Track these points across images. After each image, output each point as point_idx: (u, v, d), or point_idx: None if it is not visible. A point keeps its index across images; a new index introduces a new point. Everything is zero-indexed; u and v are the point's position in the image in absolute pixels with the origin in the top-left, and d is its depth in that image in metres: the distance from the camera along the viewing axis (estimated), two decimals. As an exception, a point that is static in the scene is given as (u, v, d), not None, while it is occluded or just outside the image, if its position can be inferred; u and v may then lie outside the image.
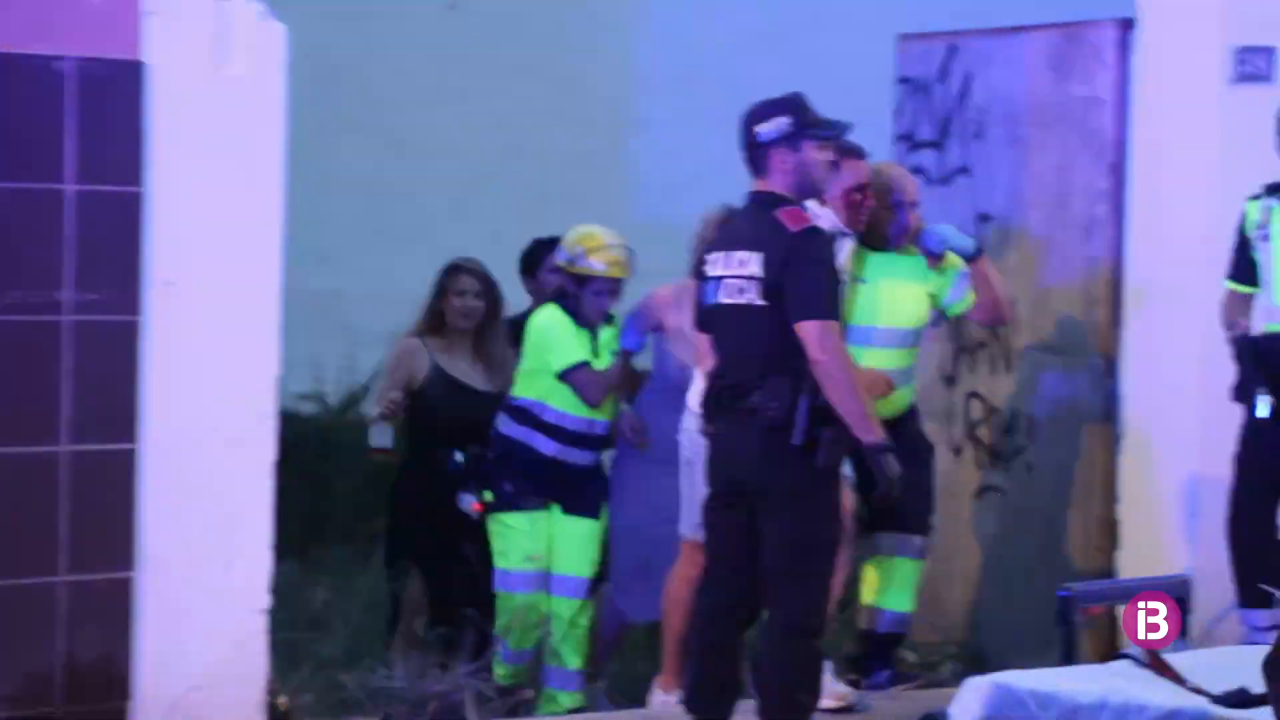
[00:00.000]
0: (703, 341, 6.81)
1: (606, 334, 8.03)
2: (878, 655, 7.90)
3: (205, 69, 6.49)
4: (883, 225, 7.72)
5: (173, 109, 6.43)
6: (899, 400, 7.75)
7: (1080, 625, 4.78)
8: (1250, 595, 7.48)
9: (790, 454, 6.40)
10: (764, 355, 6.45)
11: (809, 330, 6.37)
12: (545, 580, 8.03)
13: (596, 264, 7.93)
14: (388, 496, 8.78)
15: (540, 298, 8.55)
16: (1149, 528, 8.32)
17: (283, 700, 6.90)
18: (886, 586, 7.80)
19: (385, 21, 12.26)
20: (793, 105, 6.58)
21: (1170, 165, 8.34)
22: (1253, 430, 7.67)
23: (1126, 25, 8.41)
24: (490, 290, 8.38)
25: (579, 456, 8.06)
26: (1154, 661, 4.57)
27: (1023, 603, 8.36)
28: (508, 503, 8.00)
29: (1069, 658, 4.69)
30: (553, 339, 7.98)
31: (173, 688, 6.44)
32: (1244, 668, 4.66)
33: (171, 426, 6.49)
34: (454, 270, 8.38)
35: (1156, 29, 8.38)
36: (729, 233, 6.68)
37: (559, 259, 8.06)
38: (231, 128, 6.56)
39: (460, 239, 9.32)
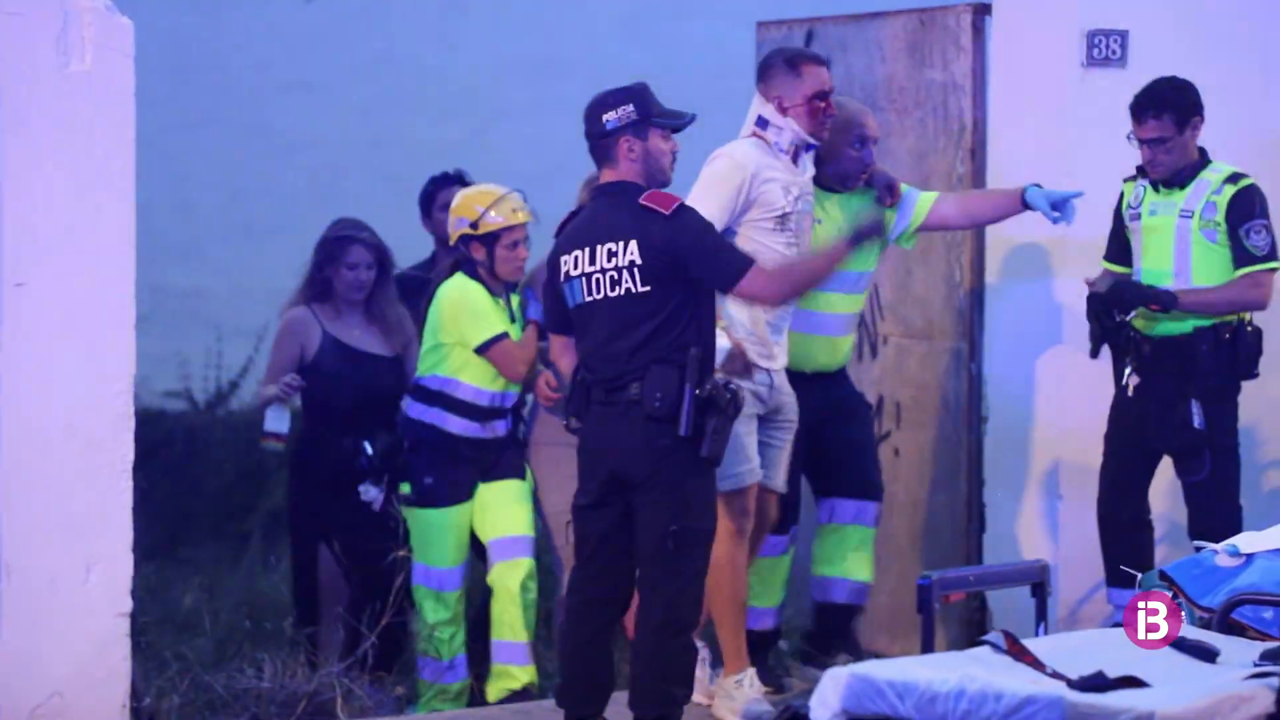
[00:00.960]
0: (559, 342, 6.79)
1: (515, 300, 7.89)
2: (837, 630, 7.82)
3: (51, 65, 6.39)
4: (844, 162, 7.54)
5: (19, 107, 6.33)
6: (843, 349, 7.72)
7: (939, 612, 4.78)
8: (1118, 574, 7.55)
9: (675, 445, 6.41)
10: (645, 345, 6.44)
11: (748, 280, 6.45)
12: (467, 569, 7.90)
13: (499, 216, 7.75)
14: (290, 479, 8.55)
15: (440, 239, 8.49)
16: (1015, 511, 8.40)
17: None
18: (842, 555, 7.74)
19: (243, 14, 12.20)
20: (637, 94, 6.58)
21: (1026, 149, 8.38)
22: (1121, 407, 7.74)
23: (982, 10, 8.44)
24: (382, 258, 8.19)
25: (494, 429, 7.87)
26: (1013, 647, 4.58)
27: (894, 588, 8.38)
28: (429, 499, 7.82)
29: (928, 645, 4.70)
30: (468, 311, 7.77)
31: (33, 694, 6.34)
32: (1103, 651, 4.75)
33: (26, 430, 6.38)
34: (343, 241, 8.15)
35: (1011, 13, 8.43)
36: (585, 229, 6.60)
37: (459, 228, 7.80)
38: (80, 125, 6.45)
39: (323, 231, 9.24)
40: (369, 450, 7.88)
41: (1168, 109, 7.56)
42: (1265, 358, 7.55)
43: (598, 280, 6.48)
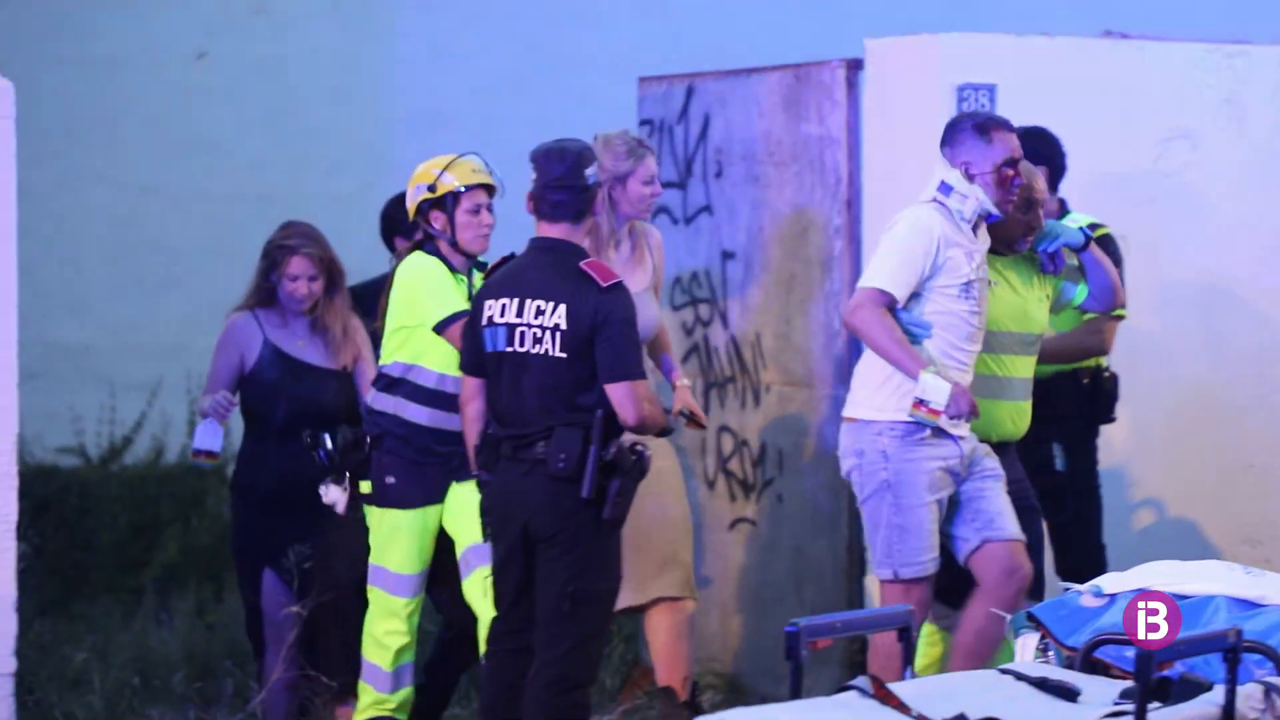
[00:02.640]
0: (470, 384, 6.74)
1: (479, 279, 7.19)
2: None
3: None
4: (1016, 226, 7.19)
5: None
6: (1028, 415, 7.27)
7: (807, 659, 4.82)
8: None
9: (577, 505, 6.47)
10: (554, 406, 6.48)
11: (621, 390, 6.46)
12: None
13: (454, 177, 7.14)
14: (233, 503, 8.11)
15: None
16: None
17: None
18: None
19: (134, 72, 12.19)
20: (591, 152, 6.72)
21: (900, 200, 8.43)
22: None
23: (855, 65, 8.53)
24: (331, 269, 7.79)
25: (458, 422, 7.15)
26: (879, 692, 4.61)
27: (777, 632, 8.42)
28: (393, 500, 7.18)
29: (796, 691, 4.74)
30: (427, 288, 7.14)
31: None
32: (969, 693, 4.79)
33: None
34: (284, 250, 7.76)
35: (883, 68, 8.52)
36: (518, 279, 6.60)
37: (416, 196, 7.16)
38: (-41, 185, 6.49)
39: (216, 286, 9.24)
40: (328, 445, 7.30)
41: (1030, 159, 7.69)
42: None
43: (521, 333, 6.52)
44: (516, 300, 6.53)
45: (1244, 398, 8.67)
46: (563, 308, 6.45)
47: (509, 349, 6.52)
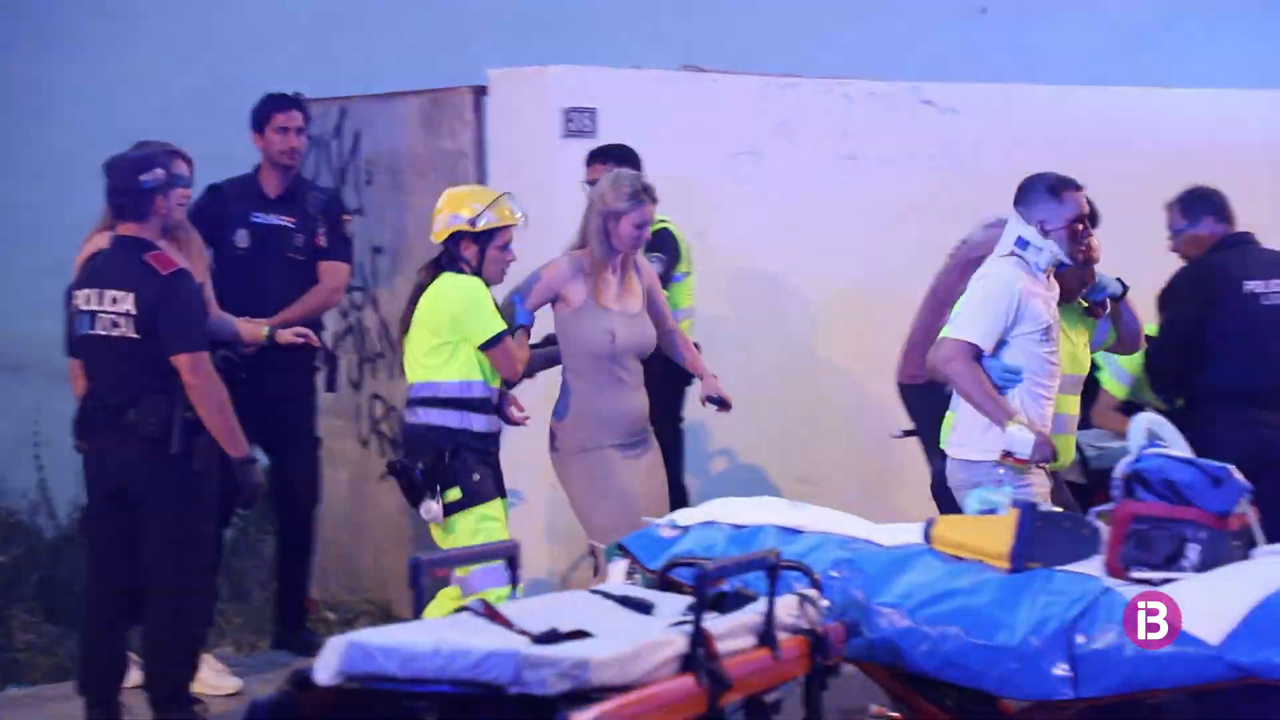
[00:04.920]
0: (75, 365, 6.60)
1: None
2: None
3: None
4: (1074, 279, 6.81)
5: None
6: (1074, 448, 6.95)
7: (428, 586, 4.86)
8: None
9: (168, 462, 6.35)
10: (139, 379, 6.35)
11: (182, 361, 6.34)
12: None
13: (496, 217, 6.80)
14: None
15: (270, 156, 7.83)
16: (528, 494, 8.35)
17: None
18: None
19: None
20: (167, 156, 6.50)
21: (522, 204, 8.59)
22: None
23: (481, 91, 8.54)
24: None
25: (498, 425, 6.87)
26: (488, 612, 4.59)
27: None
28: (486, 494, 6.71)
29: (419, 613, 4.77)
30: (478, 307, 6.70)
31: None
32: (565, 611, 4.77)
33: None
34: None
35: (503, 94, 8.55)
36: (98, 273, 6.43)
37: (452, 224, 6.78)
38: None
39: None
40: (418, 473, 6.68)
41: (608, 158, 7.79)
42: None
43: (101, 319, 6.36)
44: (97, 291, 6.38)
45: (799, 368, 8.91)
46: (131, 295, 6.31)
47: (94, 332, 6.38)
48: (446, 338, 6.71)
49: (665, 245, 7.84)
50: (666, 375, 7.67)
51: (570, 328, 7.04)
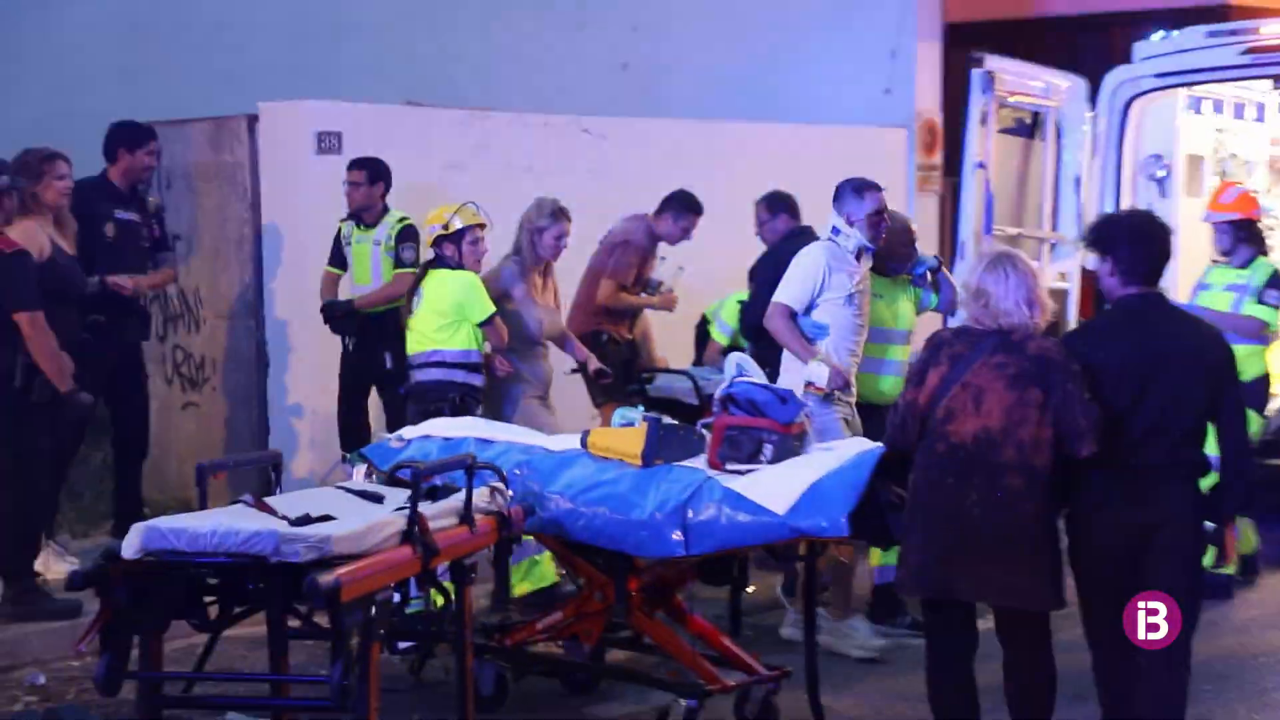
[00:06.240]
0: None
1: None
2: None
3: None
4: (897, 259, 6.67)
5: None
6: (899, 386, 6.67)
7: (208, 486, 4.69)
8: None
9: (13, 394, 6.19)
10: None
11: (22, 319, 6.16)
12: None
13: (460, 220, 6.84)
14: None
15: (128, 178, 7.45)
16: (289, 426, 8.34)
17: None
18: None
19: None
20: (18, 164, 6.34)
21: (285, 203, 8.44)
22: (346, 361, 7.82)
23: (254, 118, 8.38)
24: None
25: (484, 381, 6.91)
26: (257, 503, 4.52)
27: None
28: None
29: (203, 505, 4.63)
30: (478, 291, 6.77)
31: None
32: (317, 501, 4.65)
33: None
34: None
35: (271, 120, 8.39)
36: None
37: (433, 233, 6.86)
38: None
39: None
40: (447, 410, 6.58)
41: (363, 166, 7.76)
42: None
43: None
44: None
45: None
46: None
47: None
48: (451, 318, 6.75)
49: (413, 236, 7.75)
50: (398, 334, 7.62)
51: (511, 319, 7.10)
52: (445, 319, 6.79)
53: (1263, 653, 6.64)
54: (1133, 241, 4.73)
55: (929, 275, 6.85)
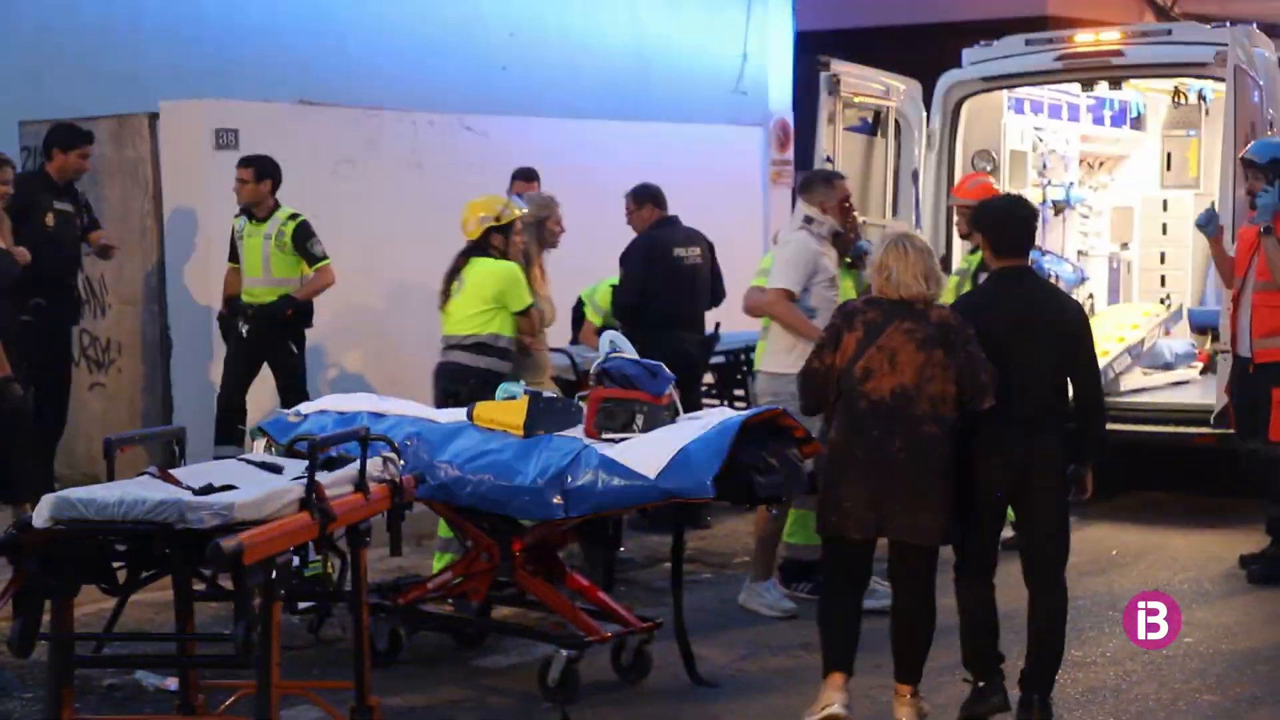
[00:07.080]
0: None
1: None
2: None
3: None
4: (848, 244, 6.59)
5: None
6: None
7: (115, 459, 4.56)
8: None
9: None
10: None
11: None
12: None
13: (510, 212, 6.50)
14: None
15: (63, 177, 7.34)
16: (190, 406, 8.19)
17: None
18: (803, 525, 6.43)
19: None
20: None
21: (188, 199, 8.25)
22: (238, 344, 7.71)
23: (155, 116, 8.21)
24: None
25: (508, 367, 6.50)
26: (162, 474, 4.39)
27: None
28: None
29: (111, 477, 4.51)
30: (519, 282, 6.43)
31: None
32: (220, 473, 4.52)
33: None
34: None
35: (170, 117, 8.26)
36: None
37: (484, 223, 6.42)
38: None
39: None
40: (464, 396, 6.22)
41: (251, 164, 7.60)
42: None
43: None
44: None
45: (392, 313, 8.73)
46: None
47: None
48: (490, 305, 6.43)
49: (312, 231, 7.63)
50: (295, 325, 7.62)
51: None
52: (485, 305, 6.48)
53: (1080, 596, 6.82)
54: (999, 222, 4.96)
55: (863, 258, 6.85)
